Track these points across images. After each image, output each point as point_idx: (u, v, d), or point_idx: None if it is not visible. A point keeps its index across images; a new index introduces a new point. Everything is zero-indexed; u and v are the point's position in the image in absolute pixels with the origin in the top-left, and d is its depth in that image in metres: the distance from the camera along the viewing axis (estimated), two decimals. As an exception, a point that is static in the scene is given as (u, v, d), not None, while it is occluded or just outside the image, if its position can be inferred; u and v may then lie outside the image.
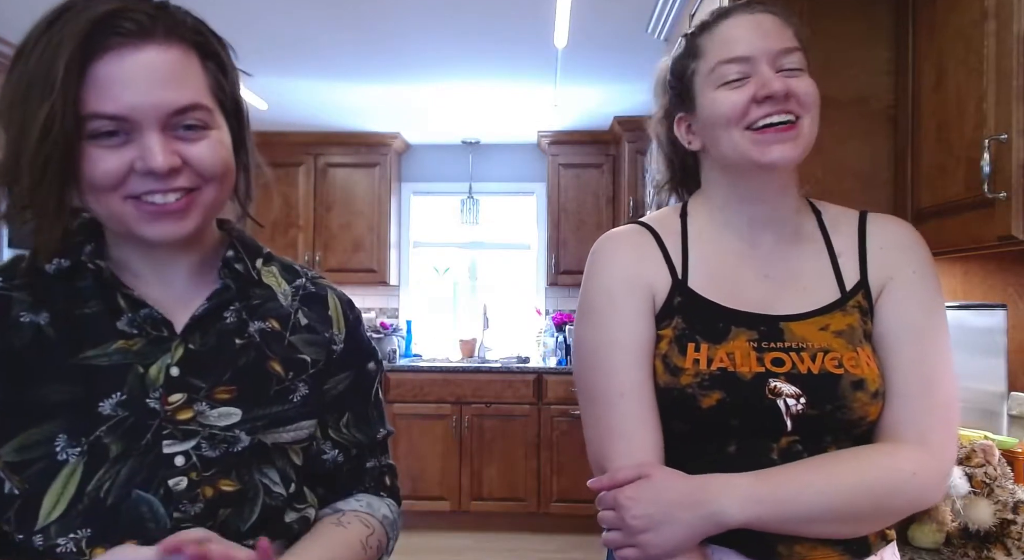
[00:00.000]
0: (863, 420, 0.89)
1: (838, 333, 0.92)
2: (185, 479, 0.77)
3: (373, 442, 0.98)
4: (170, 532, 0.75)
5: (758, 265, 0.97)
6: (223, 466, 0.79)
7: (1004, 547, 1.15)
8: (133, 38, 0.71)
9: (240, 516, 0.79)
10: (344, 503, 0.94)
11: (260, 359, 0.83)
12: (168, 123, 0.73)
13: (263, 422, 0.82)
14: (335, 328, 0.92)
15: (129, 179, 0.73)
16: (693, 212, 1.03)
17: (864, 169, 1.79)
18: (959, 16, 1.43)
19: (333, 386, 0.91)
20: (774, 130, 0.91)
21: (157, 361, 0.78)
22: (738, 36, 0.93)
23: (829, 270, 0.97)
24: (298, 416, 0.85)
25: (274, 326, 0.86)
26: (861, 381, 0.89)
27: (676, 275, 0.97)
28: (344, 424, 0.93)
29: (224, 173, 0.79)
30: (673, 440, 0.93)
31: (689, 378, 0.90)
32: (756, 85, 0.91)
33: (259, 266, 0.89)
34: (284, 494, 0.84)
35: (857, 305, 0.94)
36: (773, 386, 0.88)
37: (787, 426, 0.88)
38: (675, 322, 0.94)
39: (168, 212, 0.75)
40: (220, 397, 0.80)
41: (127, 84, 0.70)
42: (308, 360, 0.87)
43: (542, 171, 4.86)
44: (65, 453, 0.74)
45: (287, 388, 0.85)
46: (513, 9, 2.79)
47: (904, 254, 0.97)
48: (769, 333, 0.92)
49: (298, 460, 0.87)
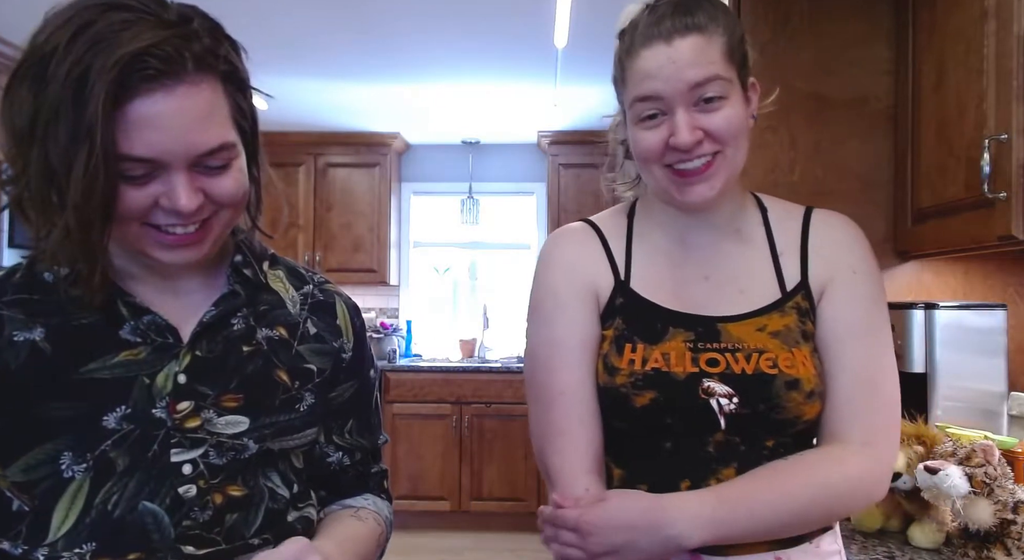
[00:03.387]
0: (798, 420, 0.90)
1: (774, 334, 0.92)
2: (194, 487, 0.76)
3: (376, 447, 0.98)
4: (175, 541, 0.75)
5: (698, 266, 0.98)
6: (230, 472, 0.79)
7: (1004, 547, 1.14)
8: (164, 79, 0.68)
9: (246, 520, 0.79)
10: (354, 501, 0.95)
11: (267, 368, 0.83)
12: (195, 163, 0.72)
13: (271, 431, 0.81)
14: (344, 337, 0.92)
15: (152, 212, 0.73)
16: (639, 212, 1.04)
17: (864, 169, 1.79)
18: (959, 16, 1.43)
19: (340, 394, 0.91)
20: (690, 173, 0.90)
21: (164, 369, 0.77)
22: (651, 71, 0.88)
23: (770, 270, 0.97)
24: (303, 425, 0.85)
25: (282, 334, 0.86)
26: (796, 381, 0.89)
27: (619, 276, 0.98)
28: (348, 430, 0.94)
29: (242, 199, 0.79)
30: (615, 437, 0.95)
31: (624, 378, 0.91)
32: (669, 129, 0.89)
33: (266, 269, 0.89)
34: (287, 496, 0.84)
35: (796, 306, 0.94)
36: (706, 386, 0.89)
37: (721, 425, 0.89)
38: (616, 323, 0.95)
39: (187, 243, 0.75)
40: (227, 405, 0.79)
41: (158, 128, 0.69)
42: (315, 369, 0.87)
43: (542, 171, 4.86)
44: (71, 470, 0.73)
45: (293, 397, 0.84)
46: (513, 9, 2.79)
47: (844, 253, 0.96)
48: (706, 334, 0.92)
49: (299, 463, 0.87)
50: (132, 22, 0.67)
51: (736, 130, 0.90)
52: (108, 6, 0.68)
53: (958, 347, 1.61)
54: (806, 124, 1.81)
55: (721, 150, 0.90)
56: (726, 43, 0.90)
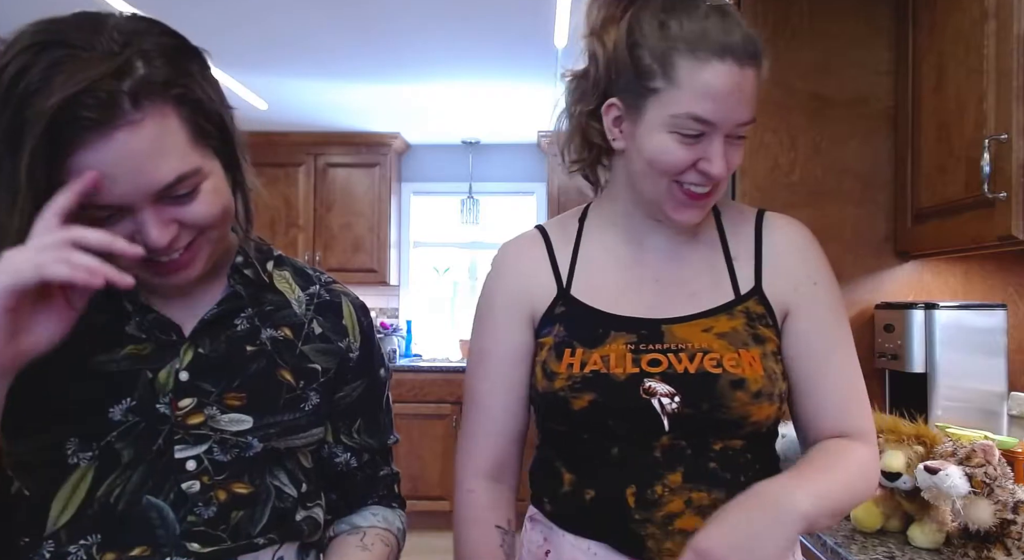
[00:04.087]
0: (744, 420, 0.88)
1: (721, 335, 0.91)
2: (198, 483, 0.77)
3: (384, 447, 0.98)
4: (180, 537, 0.75)
5: (647, 270, 0.97)
6: (235, 470, 0.79)
7: (1004, 547, 1.15)
8: (100, 126, 0.64)
9: (251, 519, 0.80)
10: (362, 518, 0.94)
11: (271, 367, 0.83)
12: (159, 195, 0.69)
13: (275, 430, 0.82)
14: (351, 337, 0.91)
15: None
16: (592, 216, 1.03)
17: (864, 169, 1.79)
18: (959, 16, 1.43)
19: (348, 394, 0.91)
20: (695, 195, 0.89)
21: (166, 365, 0.78)
22: (717, 93, 0.83)
23: (723, 274, 0.96)
24: (308, 424, 0.85)
25: (287, 334, 0.86)
26: (741, 381, 0.88)
27: (561, 283, 0.98)
28: (356, 430, 0.93)
29: (224, 217, 0.76)
30: (561, 441, 0.95)
31: (562, 381, 0.91)
32: (702, 153, 0.86)
33: (270, 269, 0.88)
34: (295, 495, 0.84)
35: (746, 311, 0.93)
36: (647, 386, 0.88)
37: (665, 426, 0.88)
38: (556, 330, 0.95)
39: (176, 268, 0.75)
40: (230, 403, 0.79)
41: (109, 177, 0.66)
42: (319, 369, 0.87)
43: (542, 171, 4.86)
44: (76, 457, 0.74)
45: (298, 397, 0.84)
46: (513, 9, 2.79)
47: (800, 264, 0.96)
48: (649, 336, 0.92)
49: (307, 463, 0.87)
50: (63, 62, 0.63)
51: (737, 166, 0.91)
52: (42, 46, 0.64)
53: (958, 347, 1.61)
54: (806, 124, 1.81)
55: (720, 183, 0.90)
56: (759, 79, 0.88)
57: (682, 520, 0.87)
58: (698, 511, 0.87)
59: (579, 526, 0.93)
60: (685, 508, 0.88)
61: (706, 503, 0.87)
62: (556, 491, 0.95)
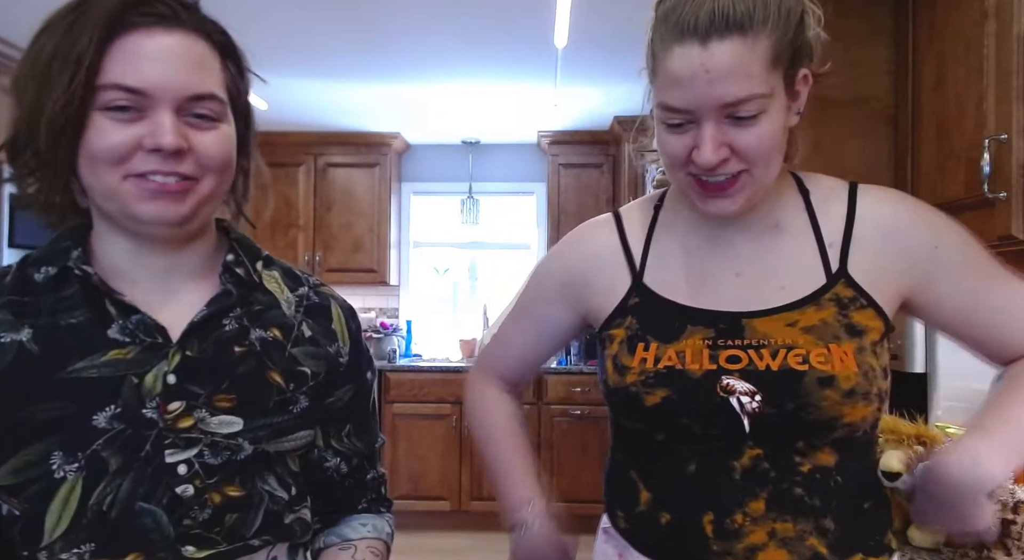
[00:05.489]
0: (836, 421, 0.81)
1: (807, 329, 0.84)
2: (191, 486, 0.76)
3: (372, 450, 0.98)
4: (175, 541, 0.74)
5: (728, 263, 0.91)
6: (226, 473, 0.78)
7: (1004, 547, 1.14)
8: (163, 21, 0.73)
9: (245, 521, 0.79)
10: (352, 530, 0.94)
11: (260, 369, 0.82)
12: (182, 107, 0.73)
13: (265, 432, 0.81)
14: (340, 341, 0.91)
15: (134, 156, 0.72)
16: (668, 203, 0.98)
17: (864, 169, 1.79)
18: (959, 16, 1.43)
19: (338, 398, 0.90)
20: (713, 186, 0.83)
21: (153, 369, 0.76)
22: (681, 78, 0.77)
23: (815, 262, 0.88)
24: (297, 427, 0.84)
25: (276, 335, 0.85)
26: (830, 378, 0.81)
27: (635, 272, 0.94)
28: (346, 434, 0.93)
29: (225, 167, 0.78)
30: (634, 446, 0.93)
31: (634, 377, 0.87)
32: (694, 139, 0.81)
33: (259, 269, 0.88)
34: (286, 498, 0.83)
35: (835, 298, 0.85)
36: (725, 384, 0.83)
37: (745, 427, 0.82)
38: (628, 322, 0.91)
39: (166, 192, 0.73)
40: (220, 405, 0.78)
41: (151, 59, 0.71)
42: (309, 372, 0.86)
43: (542, 171, 4.86)
44: (62, 470, 0.72)
45: (287, 399, 0.83)
46: (513, 9, 2.79)
47: (906, 235, 0.88)
48: (728, 330, 0.86)
49: (295, 467, 0.86)
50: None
51: (768, 148, 0.81)
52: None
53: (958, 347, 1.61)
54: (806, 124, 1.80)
55: (748, 169, 0.82)
56: (774, 45, 0.78)
57: (765, 554, 0.81)
58: (783, 544, 0.81)
59: (654, 551, 0.89)
60: (768, 540, 0.81)
61: (791, 535, 0.81)
62: (631, 509, 0.91)
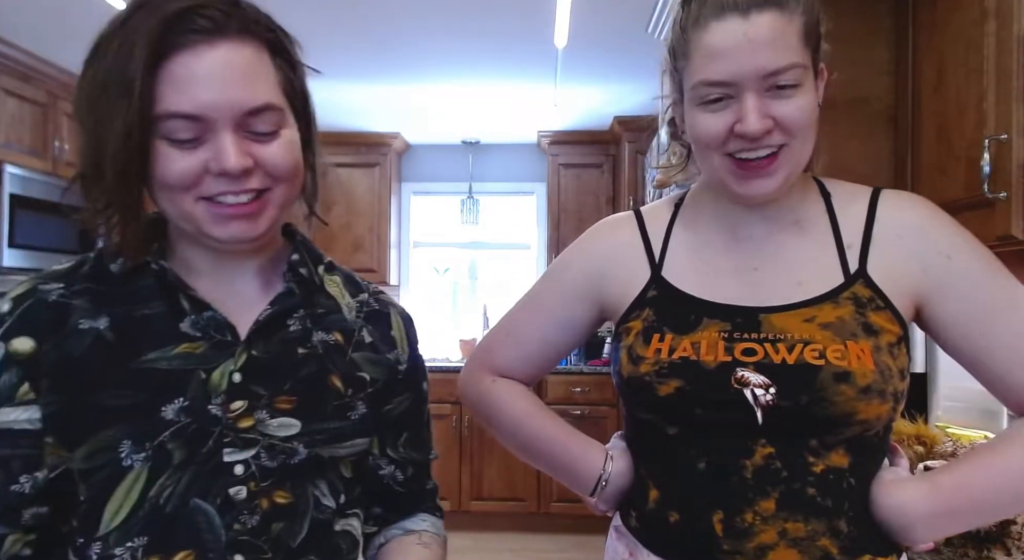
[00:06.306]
0: (850, 417, 0.81)
1: (825, 325, 0.84)
2: (244, 489, 0.75)
3: (427, 462, 0.97)
4: (225, 544, 0.74)
5: (747, 258, 0.92)
6: (279, 477, 0.77)
7: (1004, 547, 1.14)
8: (207, 35, 0.70)
9: (291, 531, 0.78)
10: (413, 524, 0.94)
11: (322, 372, 0.82)
12: (241, 123, 0.72)
13: (322, 436, 0.80)
14: (399, 349, 0.91)
15: (203, 180, 0.72)
16: (688, 202, 1.00)
17: (864, 169, 1.79)
18: (959, 16, 1.43)
19: (395, 406, 0.90)
20: (753, 165, 0.84)
21: (220, 366, 0.77)
22: (723, 51, 0.80)
23: (833, 263, 0.89)
24: (354, 434, 0.84)
25: (338, 339, 0.85)
26: (846, 374, 0.80)
27: (654, 264, 0.95)
28: (402, 443, 0.93)
29: (295, 173, 0.78)
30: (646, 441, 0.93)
31: (648, 366, 0.87)
32: (736, 114, 0.82)
33: (322, 273, 0.88)
34: (333, 506, 0.82)
35: (853, 297, 0.86)
36: (740, 376, 0.83)
37: (758, 419, 0.82)
38: (645, 314, 0.92)
39: (241, 214, 0.74)
40: (280, 407, 0.78)
41: (202, 82, 0.70)
42: (367, 378, 0.86)
43: (542, 171, 4.86)
44: (130, 458, 0.72)
45: (346, 404, 0.83)
46: (513, 9, 2.79)
47: (922, 241, 0.88)
48: (745, 324, 0.86)
49: (347, 473, 0.85)
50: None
51: (807, 121, 0.83)
52: None
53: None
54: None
55: (788, 143, 0.83)
56: (805, 23, 0.82)
57: (776, 553, 0.81)
58: (793, 544, 0.81)
59: (664, 550, 0.89)
60: (779, 540, 0.81)
61: (802, 535, 0.81)
62: (641, 507, 0.92)
